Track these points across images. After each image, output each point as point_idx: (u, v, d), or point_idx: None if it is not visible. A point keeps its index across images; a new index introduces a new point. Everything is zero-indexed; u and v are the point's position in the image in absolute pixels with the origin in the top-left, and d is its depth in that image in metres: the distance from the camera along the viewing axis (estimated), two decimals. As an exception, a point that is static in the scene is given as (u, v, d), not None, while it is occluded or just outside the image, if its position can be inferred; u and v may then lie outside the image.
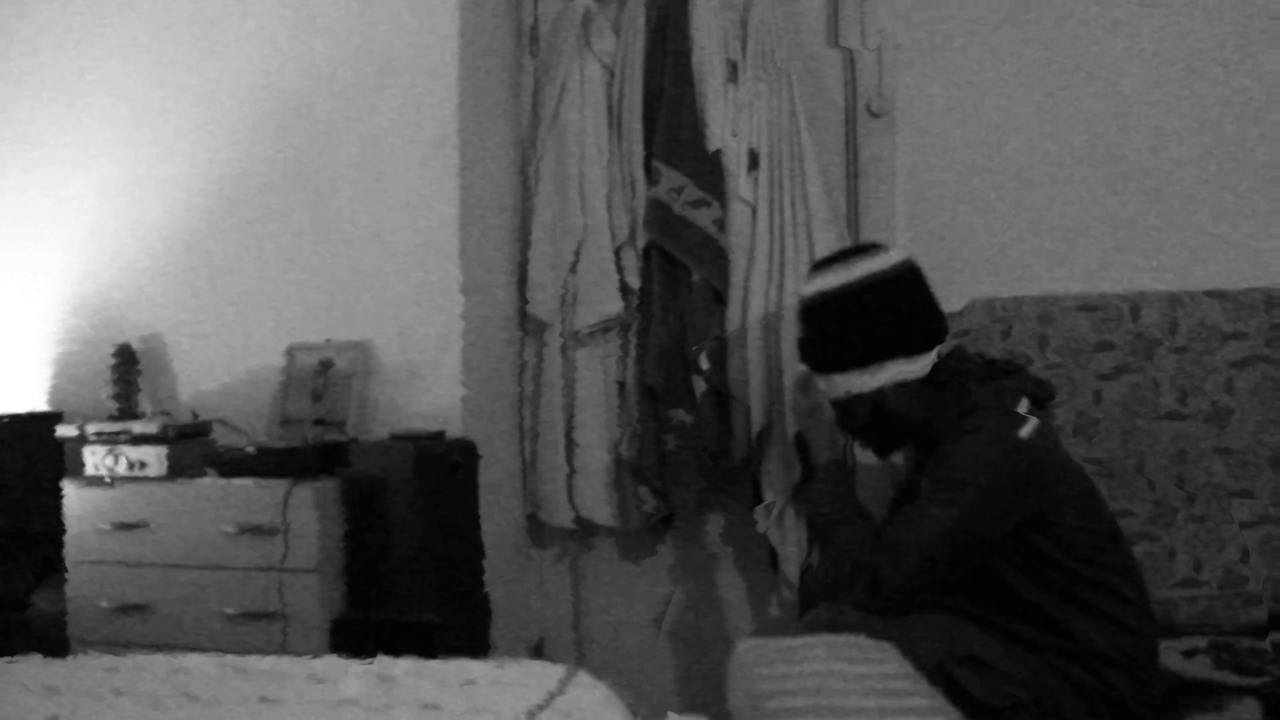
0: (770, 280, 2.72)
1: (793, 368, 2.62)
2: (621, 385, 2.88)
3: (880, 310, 2.06)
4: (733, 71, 2.78)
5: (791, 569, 2.70)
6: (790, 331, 2.62)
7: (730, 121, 2.76)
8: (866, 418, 2.09)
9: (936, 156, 2.80)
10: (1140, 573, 1.98)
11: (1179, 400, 2.61)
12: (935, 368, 2.07)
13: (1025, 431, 1.91)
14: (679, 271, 2.80)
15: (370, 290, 2.93)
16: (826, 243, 2.64)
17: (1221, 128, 2.66)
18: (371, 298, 2.92)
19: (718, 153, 2.77)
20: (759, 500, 2.74)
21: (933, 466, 1.97)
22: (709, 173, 2.77)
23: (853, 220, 2.85)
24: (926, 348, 2.06)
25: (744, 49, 2.76)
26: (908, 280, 2.09)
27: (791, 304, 2.62)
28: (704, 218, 2.75)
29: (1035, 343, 2.64)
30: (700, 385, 2.77)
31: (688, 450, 2.78)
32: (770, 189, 2.72)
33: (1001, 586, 1.90)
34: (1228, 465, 2.59)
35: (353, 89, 2.97)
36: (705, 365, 2.74)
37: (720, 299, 2.78)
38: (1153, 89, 2.69)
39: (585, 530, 2.99)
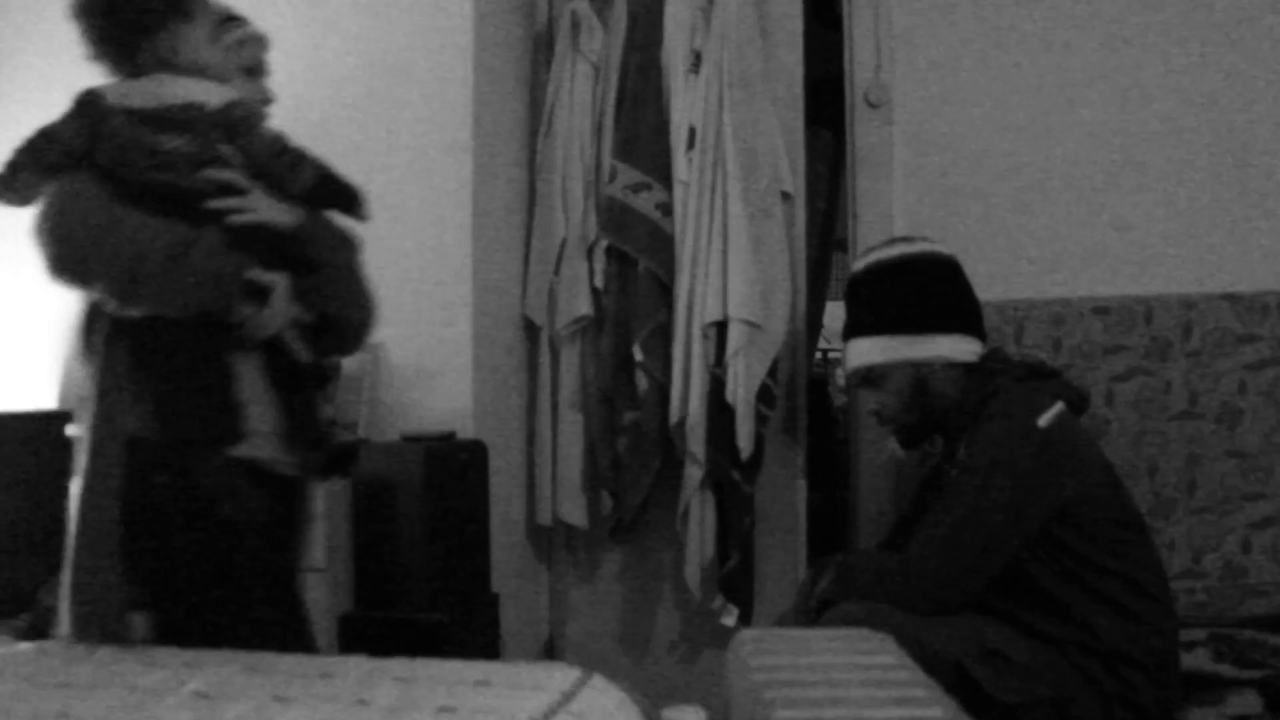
0: (694, 265, 2.63)
1: (704, 356, 2.58)
2: (598, 388, 2.84)
3: (934, 283, 2.10)
4: (696, 61, 2.69)
5: (693, 570, 2.66)
6: (704, 317, 2.58)
7: (689, 112, 2.67)
8: (905, 393, 2.07)
9: (936, 149, 2.78)
10: (1164, 568, 1.96)
11: (1191, 402, 2.61)
12: (974, 364, 2.07)
13: (1045, 419, 1.90)
14: (630, 267, 2.73)
15: (382, 292, 2.91)
16: (738, 219, 2.57)
17: (1237, 128, 2.65)
18: (383, 300, 2.91)
19: (665, 134, 2.70)
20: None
21: (959, 459, 1.97)
22: (653, 155, 2.70)
23: (851, 211, 2.84)
24: (972, 332, 2.07)
25: (707, 35, 2.67)
26: (957, 267, 2.13)
27: (710, 290, 2.57)
28: (646, 202, 2.68)
29: (1049, 345, 2.64)
30: (642, 381, 2.70)
31: (637, 452, 2.73)
32: (701, 168, 2.63)
33: (1023, 578, 1.89)
34: (1239, 467, 2.59)
35: (366, 95, 2.97)
36: (639, 356, 2.67)
37: (667, 289, 2.69)
38: (1164, 86, 2.68)
39: (567, 531, 2.98)
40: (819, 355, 4.99)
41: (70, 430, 2.85)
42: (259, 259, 1.60)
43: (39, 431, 3.00)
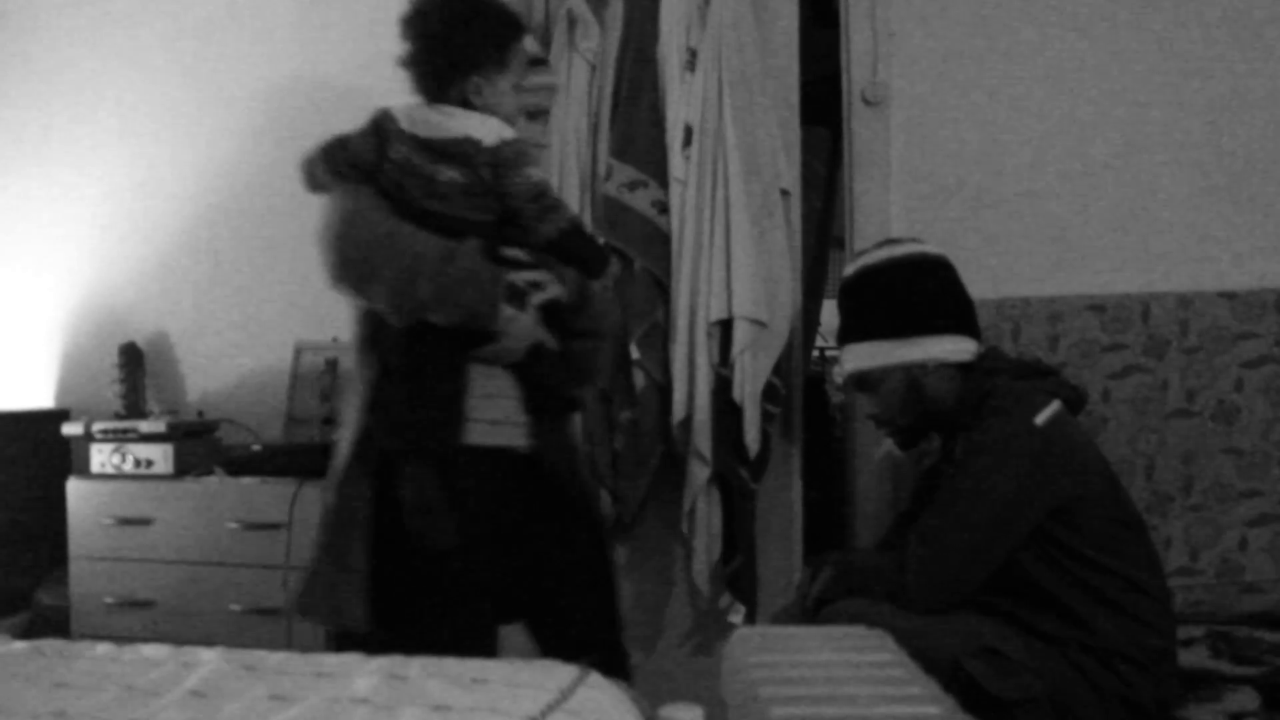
0: (695, 263, 2.60)
1: (709, 355, 2.57)
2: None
3: (926, 285, 2.08)
4: (691, 59, 2.66)
5: (701, 569, 2.64)
6: (709, 315, 2.55)
7: (684, 110, 2.64)
8: (900, 396, 2.07)
9: (933, 147, 2.77)
10: (1162, 567, 1.96)
11: (1187, 399, 2.61)
12: (971, 364, 2.07)
13: (1042, 418, 1.90)
14: (626, 265, 2.68)
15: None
16: (741, 217, 2.54)
17: (1234, 126, 2.65)
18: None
19: (661, 131, 2.66)
20: None
21: (956, 458, 1.97)
22: (649, 153, 2.66)
23: (848, 210, 2.83)
24: (966, 332, 2.06)
25: (703, 32, 2.64)
26: (948, 266, 2.13)
27: (714, 289, 2.55)
28: (642, 200, 2.64)
29: (1046, 342, 2.65)
30: (640, 379, 2.67)
31: (635, 450, 2.70)
32: (700, 166, 2.61)
33: (1020, 577, 1.89)
34: (1236, 464, 2.60)
35: (362, 90, 2.96)
36: (635, 354, 2.64)
37: (663, 288, 2.65)
38: (1162, 84, 2.67)
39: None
40: (816, 353, 4.99)
41: (67, 429, 2.86)
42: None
43: (40, 430, 3.01)
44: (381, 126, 1.78)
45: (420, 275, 1.67)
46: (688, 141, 2.64)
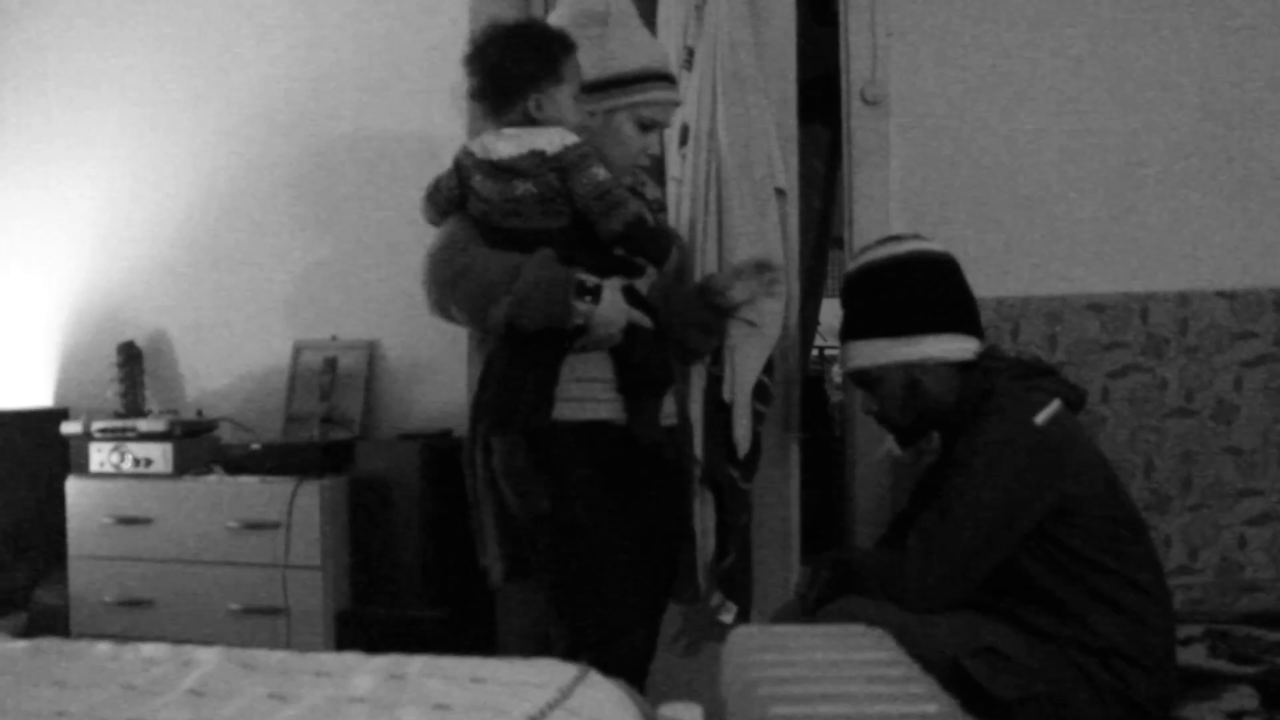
0: (689, 262, 2.53)
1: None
2: None
3: (926, 283, 2.08)
4: (688, 57, 2.63)
5: (698, 567, 2.63)
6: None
7: (682, 110, 2.57)
8: (900, 394, 2.07)
9: (932, 146, 2.77)
10: (1161, 566, 1.96)
11: (1186, 399, 2.62)
12: (970, 362, 2.06)
13: (1041, 417, 1.90)
14: None
15: (377, 289, 2.92)
16: (734, 216, 2.52)
17: (1233, 126, 2.65)
18: (379, 296, 2.92)
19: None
20: None
21: (956, 457, 1.97)
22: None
23: (847, 209, 2.83)
24: (967, 331, 2.06)
25: (700, 31, 2.61)
26: (951, 265, 2.12)
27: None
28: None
29: (1045, 342, 2.65)
30: None
31: None
32: (695, 165, 2.58)
33: (1019, 575, 1.89)
34: (1235, 464, 2.60)
35: (362, 90, 2.97)
36: None
37: None
38: (1161, 83, 2.67)
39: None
40: (815, 353, 5.00)
41: (66, 428, 2.86)
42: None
43: (38, 429, 3.01)
44: (460, 163, 1.97)
45: (492, 300, 1.86)
46: (684, 140, 2.63)
